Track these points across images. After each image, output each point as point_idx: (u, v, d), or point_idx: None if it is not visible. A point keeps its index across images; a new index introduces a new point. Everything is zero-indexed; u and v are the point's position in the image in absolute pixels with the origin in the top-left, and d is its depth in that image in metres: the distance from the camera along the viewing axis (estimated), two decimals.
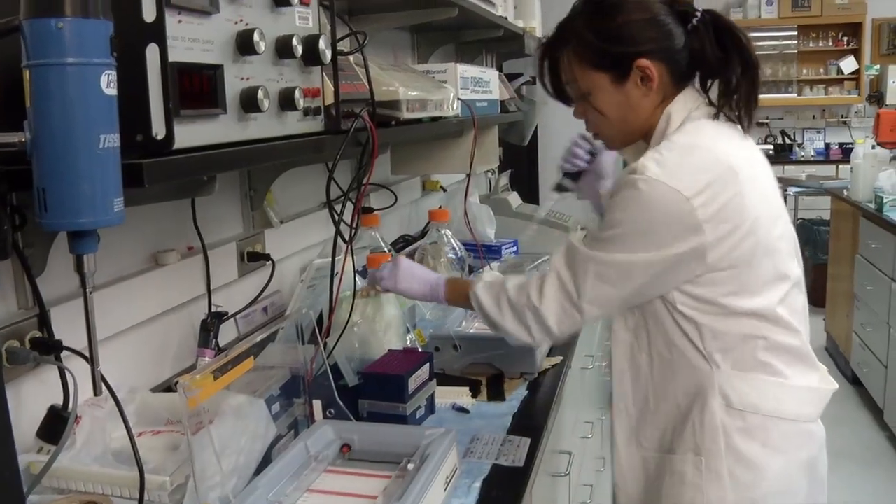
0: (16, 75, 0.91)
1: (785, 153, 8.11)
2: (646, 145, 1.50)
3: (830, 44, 8.11)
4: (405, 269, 1.69)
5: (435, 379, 1.75)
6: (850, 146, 6.29)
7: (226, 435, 1.26)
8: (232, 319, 1.80)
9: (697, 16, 1.46)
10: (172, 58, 1.01)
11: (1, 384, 0.74)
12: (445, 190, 3.37)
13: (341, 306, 1.71)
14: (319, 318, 1.75)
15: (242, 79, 1.16)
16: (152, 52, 0.99)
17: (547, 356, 1.99)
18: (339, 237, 1.60)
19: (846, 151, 7.24)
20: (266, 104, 1.17)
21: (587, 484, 2.56)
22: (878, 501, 3.66)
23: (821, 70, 8.18)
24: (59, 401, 1.22)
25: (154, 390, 1.57)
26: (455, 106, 2.10)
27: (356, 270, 1.74)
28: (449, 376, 1.90)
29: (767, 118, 8.30)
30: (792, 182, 6.69)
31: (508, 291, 1.51)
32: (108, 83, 0.92)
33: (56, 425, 1.20)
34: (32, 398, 1.29)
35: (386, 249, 2.19)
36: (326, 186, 1.57)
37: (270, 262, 1.95)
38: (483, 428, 1.66)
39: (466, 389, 1.82)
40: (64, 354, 1.26)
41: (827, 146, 8.20)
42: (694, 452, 1.46)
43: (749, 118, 1.49)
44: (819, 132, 8.30)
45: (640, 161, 1.38)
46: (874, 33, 8.02)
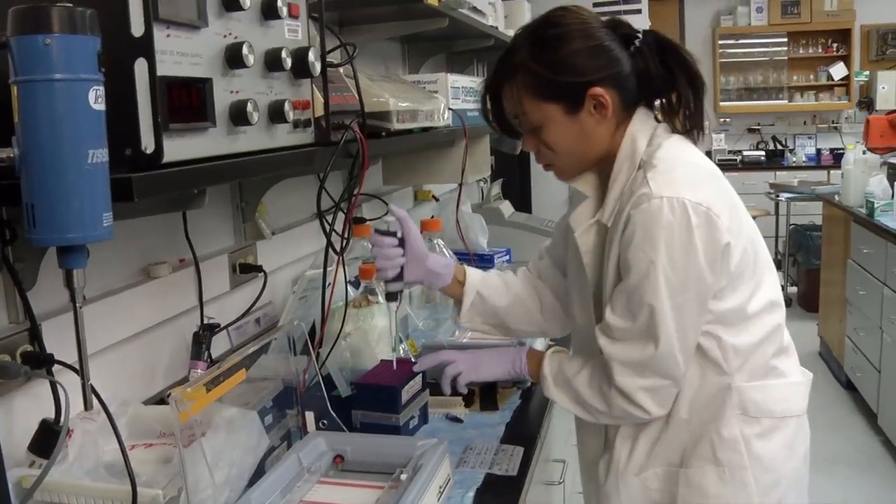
0: (4, 91, 0.91)
1: (776, 159, 8.15)
2: (594, 175, 1.50)
3: (820, 50, 8.17)
4: (484, 356, 1.64)
5: (428, 389, 1.76)
6: (841, 152, 6.31)
7: (218, 447, 1.26)
8: (224, 331, 1.80)
9: (639, 37, 1.45)
10: (161, 72, 1.01)
11: None
12: (437, 199, 3.37)
13: (333, 317, 1.71)
14: (312, 329, 1.75)
15: (231, 92, 1.17)
16: (141, 67, 0.99)
17: None
18: (331, 248, 1.60)
19: (837, 157, 7.27)
20: (255, 117, 1.17)
21: (581, 492, 2.56)
22: None
23: (811, 76, 8.24)
24: (51, 414, 1.22)
25: (146, 403, 1.56)
26: (446, 116, 2.11)
27: (348, 281, 1.74)
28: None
29: (759, 124, 8.35)
30: (784, 188, 6.72)
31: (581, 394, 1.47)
32: (97, 98, 0.92)
33: (48, 439, 1.20)
34: (24, 412, 1.29)
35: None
36: (317, 198, 1.58)
37: (262, 274, 1.95)
38: (476, 437, 1.66)
39: (459, 399, 1.82)
40: (55, 368, 1.26)
41: (818, 152, 8.24)
42: (714, 464, 1.46)
43: (700, 130, 1.50)
44: (810, 138, 8.35)
45: (646, 189, 1.35)
46: (863, 40, 8.07)
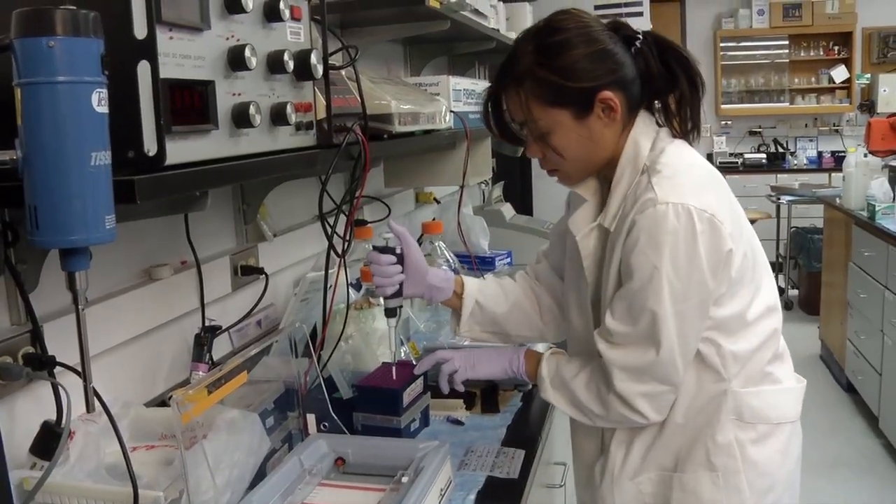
0: (7, 94, 0.91)
1: (778, 162, 8.15)
2: (594, 179, 1.51)
3: (821, 53, 8.17)
4: (481, 353, 1.64)
5: (429, 392, 1.76)
6: (843, 154, 6.31)
7: (220, 449, 1.26)
8: (226, 333, 1.80)
9: (640, 38, 1.45)
10: (164, 74, 1.01)
11: None
12: (439, 202, 3.37)
13: (335, 319, 1.71)
14: (313, 332, 1.76)
15: (234, 94, 1.17)
16: (143, 69, 0.99)
17: None
18: (332, 250, 1.60)
19: (838, 160, 7.27)
20: (258, 119, 1.17)
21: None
22: None
23: (812, 79, 8.24)
24: (53, 416, 1.22)
25: (148, 405, 1.56)
26: (447, 118, 2.11)
27: (349, 283, 1.74)
28: None
29: (760, 127, 8.34)
30: (785, 190, 6.72)
31: (579, 397, 1.47)
32: (100, 101, 0.92)
33: (49, 441, 1.20)
34: (25, 414, 1.29)
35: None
36: (319, 200, 1.58)
37: (264, 276, 1.95)
38: (477, 440, 1.67)
39: (461, 402, 1.82)
40: (57, 370, 1.26)
41: (819, 154, 8.24)
42: (708, 469, 1.46)
43: (697, 131, 1.50)
44: (811, 141, 8.34)
45: (651, 194, 1.35)
46: (864, 42, 8.07)
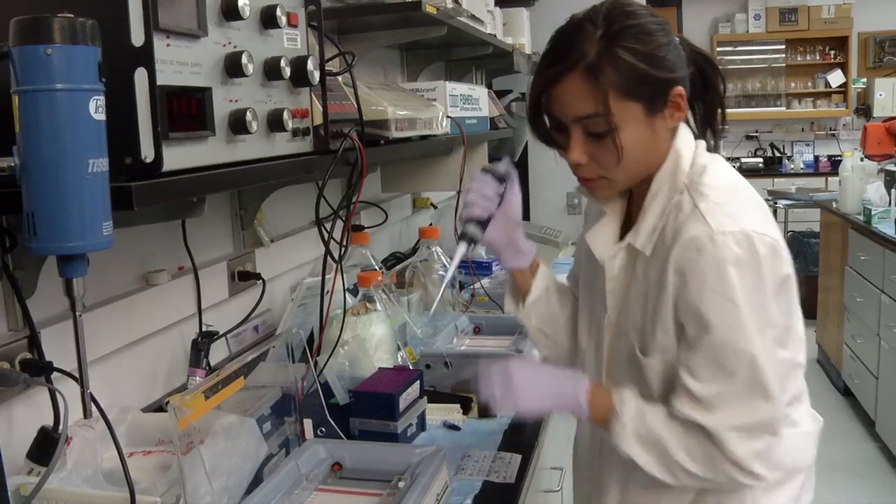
0: (5, 101, 0.92)
1: (774, 166, 8.17)
2: (619, 196, 1.39)
3: (818, 57, 8.20)
4: (527, 377, 1.34)
5: (426, 396, 1.76)
6: (839, 159, 6.32)
7: (217, 455, 1.26)
8: (223, 339, 1.80)
9: (676, 38, 1.34)
10: (161, 81, 1.02)
11: None
12: (436, 207, 3.38)
13: (332, 325, 1.72)
14: (310, 337, 1.76)
15: (231, 101, 1.18)
16: (141, 76, 1.00)
17: None
18: (330, 256, 1.60)
19: (835, 164, 7.29)
20: (254, 126, 1.18)
21: None
22: None
23: (809, 83, 8.27)
24: (50, 422, 1.22)
25: (145, 410, 1.57)
26: (444, 124, 2.11)
27: (346, 288, 1.75)
28: (440, 393, 1.90)
29: (757, 131, 8.36)
30: (782, 195, 6.73)
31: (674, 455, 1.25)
32: (97, 108, 0.92)
33: (46, 446, 1.20)
34: (23, 420, 1.29)
35: (376, 267, 2.20)
36: (316, 205, 1.58)
37: (261, 281, 1.96)
38: (474, 445, 1.67)
39: (457, 406, 1.82)
40: (54, 376, 1.26)
41: (816, 159, 8.26)
42: None
43: (720, 139, 1.40)
44: (808, 145, 8.37)
45: (704, 227, 1.21)
46: (860, 47, 8.10)
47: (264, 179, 1.36)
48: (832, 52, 8.16)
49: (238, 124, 1.17)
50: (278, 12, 1.26)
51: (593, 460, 1.48)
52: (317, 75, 1.37)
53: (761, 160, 8.20)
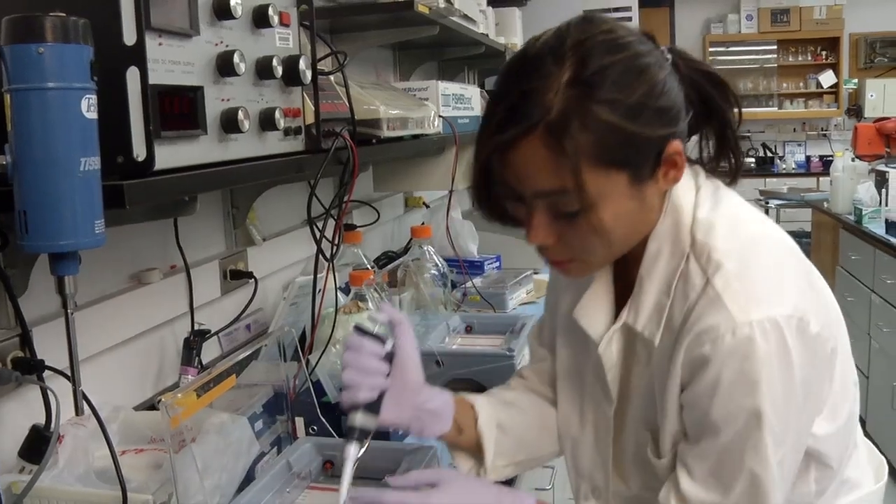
0: None
1: (766, 166, 8.20)
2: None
3: (809, 58, 8.24)
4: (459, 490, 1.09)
5: None
6: (831, 159, 6.36)
7: (208, 453, 1.26)
8: (215, 337, 1.80)
9: (668, 57, 1.03)
10: (153, 80, 1.02)
11: None
12: (428, 206, 3.38)
13: (324, 323, 1.72)
14: (302, 336, 1.76)
15: (223, 100, 1.18)
16: (133, 75, 1.00)
17: None
18: (321, 255, 1.61)
19: (826, 164, 7.32)
20: (246, 125, 1.18)
21: (571, 497, 2.56)
22: None
23: (800, 84, 8.31)
24: (42, 420, 1.22)
25: (137, 409, 1.57)
26: (436, 123, 2.12)
27: (338, 287, 1.75)
28: None
29: (749, 131, 8.38)
30: (773, 195, 6.75)
31: None
32: (89, 107, 0.93)
33: (38, 445, 1.20)
34: (14, 418, 1.29)
35: (368, 266, 2.20)
36: (308, 205, 1.59)
37: (253, 280, 1.96)
38: None
39: None
40: (46, 374, 1.27)
41: (807, 159, 8.31)
42: None
43: (739, 167, 1.11)
44: (800, 145, 8.41)
45: (723, 314, 0.97)
46: (852, 48, 8.14)
47: (256, 178, 1.37)
48: (824, 53, 8.21)
49: (230, 123, 1.17)
50: (270, 12, 1.26)
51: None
52: (309, 74, 1.38)
53: (753, 160, 8.22)
